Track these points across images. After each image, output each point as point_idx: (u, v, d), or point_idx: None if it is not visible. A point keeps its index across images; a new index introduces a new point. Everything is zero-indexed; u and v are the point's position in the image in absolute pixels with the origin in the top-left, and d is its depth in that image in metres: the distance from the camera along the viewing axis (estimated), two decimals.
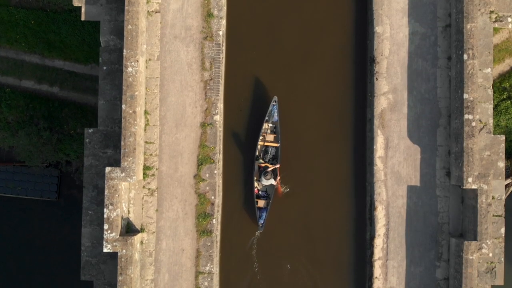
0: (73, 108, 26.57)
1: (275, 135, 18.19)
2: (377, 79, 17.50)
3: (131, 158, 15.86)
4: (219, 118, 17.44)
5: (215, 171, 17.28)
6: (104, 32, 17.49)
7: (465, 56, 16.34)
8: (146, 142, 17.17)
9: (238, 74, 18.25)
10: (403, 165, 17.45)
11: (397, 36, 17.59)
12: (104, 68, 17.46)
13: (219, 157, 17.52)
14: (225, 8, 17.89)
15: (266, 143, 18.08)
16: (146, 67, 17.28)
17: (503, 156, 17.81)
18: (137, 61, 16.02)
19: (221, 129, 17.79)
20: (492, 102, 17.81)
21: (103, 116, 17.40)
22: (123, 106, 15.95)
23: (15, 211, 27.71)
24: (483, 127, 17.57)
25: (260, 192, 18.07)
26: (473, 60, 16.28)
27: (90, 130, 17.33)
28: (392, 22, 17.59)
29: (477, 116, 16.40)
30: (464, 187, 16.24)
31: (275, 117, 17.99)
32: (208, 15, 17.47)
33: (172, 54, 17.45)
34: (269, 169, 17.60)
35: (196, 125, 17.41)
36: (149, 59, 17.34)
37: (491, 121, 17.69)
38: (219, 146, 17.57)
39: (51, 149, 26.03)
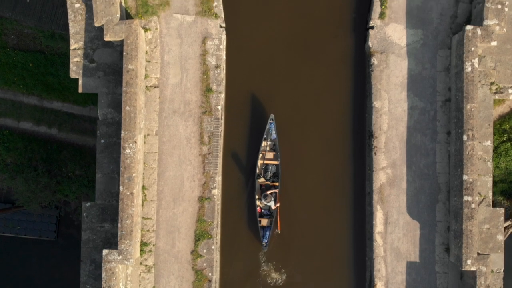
0: (71, 150, 26.53)
1: (274, 153, 18.14)
2: (375, 153, 17.41)
3: (128, 241, 15.79)
4: (217, 192, 17.36)
5: (213, 247, 17.22)
6: (102, 105, 17.40)
7: (465, 137, 16.23)
8: (143, 218, 17.10)
9: (237, 147, 18.18)
10: (403, 240, 17.38)
11: (396, 110, 17.49)
12: (102, 141, 17.37)
13: (216, 231, 17.46)
14: (224, 82, 17.79)
15: (266, 161, 18.04)
16: (145, 142, 17.20)
17: (502, 229, 17.73)
18: (135, 142, 15.93)
19: (219, 202, 17.73)
20: (491, 175, 17.71)
21: (100, 189, 17.32)
22: (121, 188, 15.88)
23: (14, 250, 27.75)
24: (483, 200, 17.47)
25: (263, 210, 18.08)
26: (472, 141, 16.18)
27: (88, 204, 17.26)
28: (390, 96, 17.49)
29: (476, 198, 16.30)
30: (463, 269, 16.17)
31: (273, 134, 17.97)
32: (207, 90, 17.39)
33: (170, 128, 17.37)
34: (269, 192, 17.64)
35: (194, 200, 17.34)
36: (148, 134, 17.25)
37: (490, 194, 17.59)
38: (217, 220, 17.50)
39: (49, 194, 25.99)
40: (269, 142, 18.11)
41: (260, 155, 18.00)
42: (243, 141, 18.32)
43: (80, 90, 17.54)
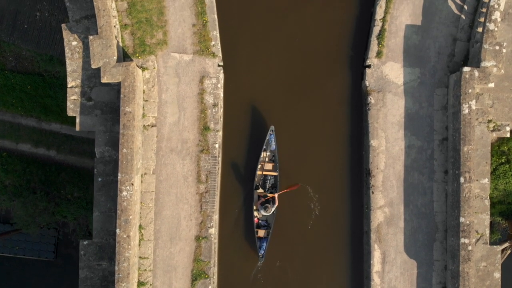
0: (70, 172, 26.52)
1: (273, 164, 18.13)
2: (373, 192, 17.42)
3: (125, 284, 15.81)
4: (214, 231, 17.37)
5: (210, 286, 17.24)
6: (99, 143, 17.40)
7: (462, 179, 16.24)
8: (140, 257, 17.11)
9: (234, 185, 18.19)
10: (400, 280, 17.39)
11: (393, 149, 17.49)
12: (99, 179, 17.38)
13: (213, 271, 17.47)
14: (221, 120, 17.79)
15: (264, 172, 18.08)
16: (142, 181, 17.21)
17: (499, 267, 17.75)
18: (132, 184, 15.93)
19: (216, 241, 17.72)
20: (488, 212, 17.74)
21: (97, 228, 17.33)
22: (117, 231, 15.90)
23: (13, 270, 27.78)
24: (480, 237, 17.49)
25: (260, 221, 18.10)
26: (469, 184, 16.20)
27: (85, 242, 17.28)
28: (388, 135, 17.49)
29: (473, 240, 16.32)
30: None
31: (273, 146, 17.97)
32: (204, 128, 17.39)
33: (168, 167, 17.38)
34: (268, 197, 17.64)
35: (191, 239, 17.35)
36: (145, 173, 17.26)
37: (487, 231, 17.61)
38: (214, 260, 17.51)
39: (47, 217, 26.02)
40: (268, 153, 18.06)
41: (259, 166, 17.96)
42: (240, 177, 18.33)
43: (77, 128, 17.55)
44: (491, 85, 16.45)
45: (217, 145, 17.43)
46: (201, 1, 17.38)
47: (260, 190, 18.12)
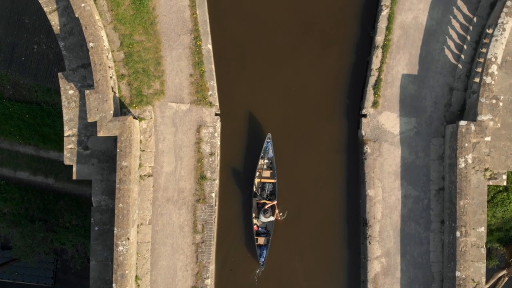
0: (68, 200, 26.54)
1: (271, 171, 18.17)
2: (370, 242, 17.43)
3: None
4: (210, 282, 17.37)
5: None
6: (96, 192, 17.41)
7: (458, 234, 16.25)
8: None
9: (230, 235, 18.21)
10: None
11: (390, 199, 17.49)
12: (96, 228, 17.40)
13: None
14: (218, 168, 17.79)
15: (262, 180, 18.10)
16: (138, 232, 17.22)
17: None
18: (128, 239, 15.96)
19: None
20: (485, 261, 17.73)
21: (94, 277, 17.34)
22: (114, 285, 15.90)
23: None
24: (476, 286, 17.51)
25: (259, 229, 18.10)
26: (465, 238, 16.20)
27: None
28: (384, 185, 17.49)
29: None
30: None
31: (270, 153, 17.99)
32: (201, 178, 17.40)
33: (164, 217, 17.39)
34: (267, 206, 17.65)
35: None
36: (141, 224, 17.27)
37: (483, 280, 17.59)
38: None
39: (46, 247, 26.08)
40: (266, 160, 18.08)
41: (257, 173, 17.98)
42: (238, 228, 18.33)
43: (74, 177, 17.54)
44: (488, 138, 16.43)
45: (213, 194, 17.44)
46: (199, 51, 17.37)
47: (259, 198, 18.10)
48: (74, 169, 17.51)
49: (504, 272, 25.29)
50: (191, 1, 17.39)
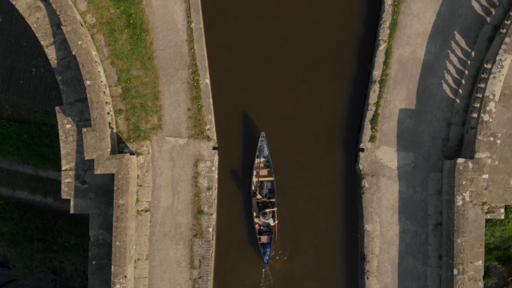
0: (67, 219, 26.49)
1: (268, 169, 18.16)
2: (367, 278, 17.43)
3: None
4: None
5: None
6: (93, 226, 17.41)
7: (455, 271, 16.25)
8: None
9: (228, 269, 18.22)
10: None
11: (388, 234, 17.49)
12: (93, 263, 17.39)
13: None
14: (215, 202, 17.79)
15: (260, 179, 18.07)
16: (135, 267, 17.21)
17: None
18: (125, 276, 15.96)
19: None
20: None
21: None
22: None
23: None
24: None
25: (261, 227, 18.08)
26: (463, 275, 16.20)
27: None
28: (382, 219, 17.48)
29: None
30: None
31: (266, 152, 17.97)
32: (198, 212, 17.40)
33: (161, 252, 17.38)
34: (268, 210, 17.66)
35: None
36: (138, 259, 17.27)
37: None
38: None
39: (45, 266, 26.08)
40: (262, 159, 18.08)
41: (255, 173, 17.97)
42: (234, 265, 18.33)
43: (71, 211, 17.56)
44: (485, 176, 16.42)
45: (210, 229, 17.43)
46: (196, 86, 17.36)
47: (258, 197, 18.08)
48: (72, 203, 17.50)
49: None
50: (189, 35, 17.37)
